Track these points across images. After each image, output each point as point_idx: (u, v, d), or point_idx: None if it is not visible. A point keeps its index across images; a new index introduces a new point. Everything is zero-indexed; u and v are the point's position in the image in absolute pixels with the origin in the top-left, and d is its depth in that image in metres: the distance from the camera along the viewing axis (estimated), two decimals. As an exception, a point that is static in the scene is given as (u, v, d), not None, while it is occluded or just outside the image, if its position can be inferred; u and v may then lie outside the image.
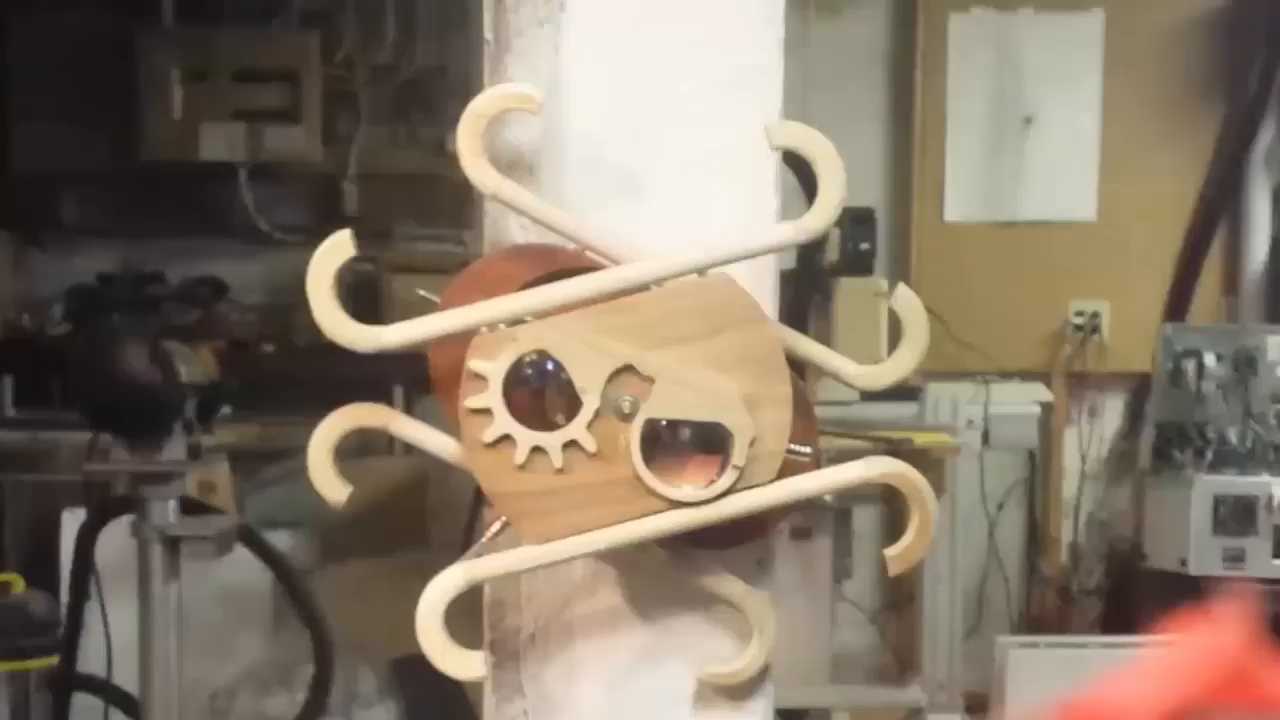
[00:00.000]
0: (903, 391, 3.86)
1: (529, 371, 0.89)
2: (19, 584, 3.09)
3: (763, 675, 0.97)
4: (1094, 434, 4.81)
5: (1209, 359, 4.15)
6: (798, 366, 0.92)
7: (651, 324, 0.89)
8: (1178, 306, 4.70)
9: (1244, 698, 0.65)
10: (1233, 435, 4.08)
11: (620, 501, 0.89)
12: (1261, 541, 3.84)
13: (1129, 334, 4.67)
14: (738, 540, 0.94)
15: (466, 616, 0.95)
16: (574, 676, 0.98)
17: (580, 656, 0.98)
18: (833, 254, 3.85)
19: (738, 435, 0.88)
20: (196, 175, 4.42)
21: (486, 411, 0.88)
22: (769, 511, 0.92)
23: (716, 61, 0.97)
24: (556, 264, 0.92)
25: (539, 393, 0.89)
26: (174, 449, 2.56)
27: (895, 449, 3.41)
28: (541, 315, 0.89)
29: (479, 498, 0.93)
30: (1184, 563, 3.89)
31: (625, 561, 0.96)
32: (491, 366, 0.88)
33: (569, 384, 0.89)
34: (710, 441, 0.90)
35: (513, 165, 0.96)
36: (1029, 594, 4.78)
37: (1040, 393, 4.45)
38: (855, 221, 3.90)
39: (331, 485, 0.92)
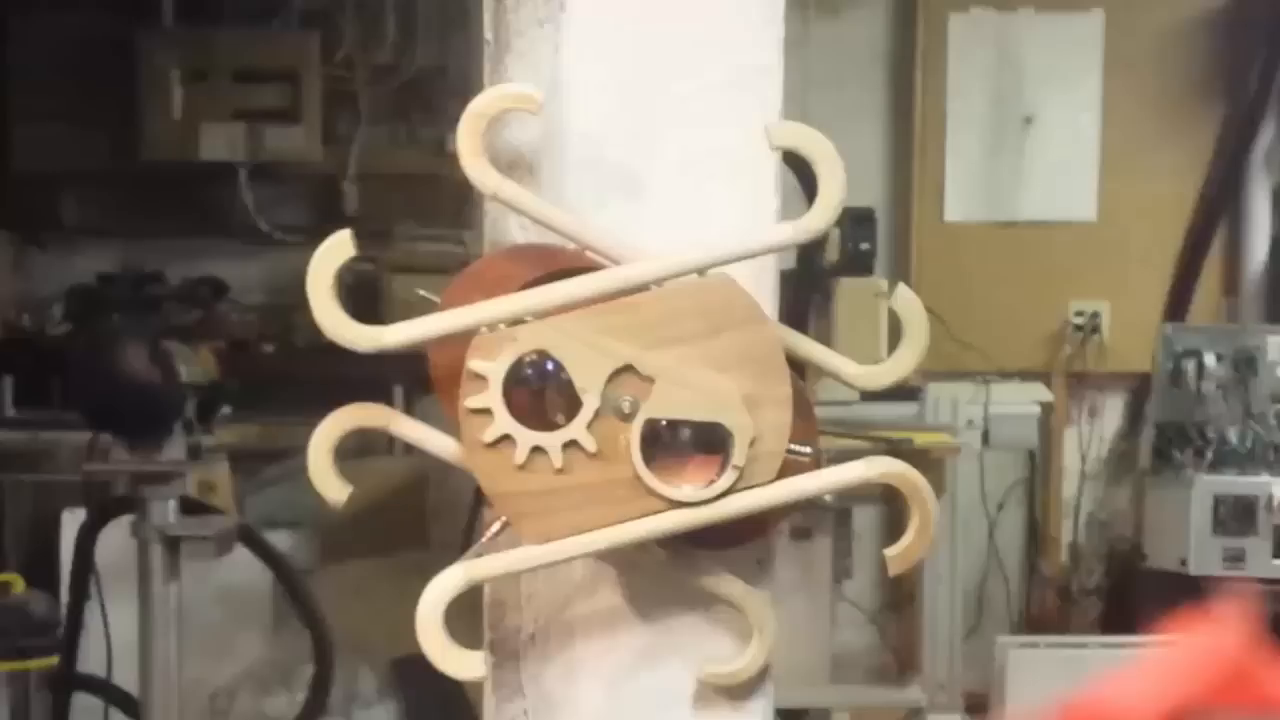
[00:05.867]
0: (903, 391, 3.86)
1: (529, 371, 0.89)
2: (19, 584, 3.09)
3: (763, 675, 0.97)
4: (1094, 434, 4.81)
5: (1209, 359, 4.15)
6: (798, 366, 0.92)
7: (651, 324, 0.89)
8: (1178, 306, 4.70)
9: (1244, 698, 0.65)
10: (1233, 435, 4.08)
11: (620, 501, 0.89)
12: (1261, 541, 3.84)
13: (1129, 334, 4.67)
14: (738, 540, 0.94)
15: (466, 616, 0.95)
16: (574, 676, 0.98)
17: (580, 656, 0.98)
18: (833, 254, 3.85)
19: (738, 435, 0.88)
20: (196, 175, 4.42)
21: (486, 411, 0.88)
22: (769, 511, 0.92)
23: (716, 61, 0.97)
24: (556, 264, 0.92)
25: (539, 393, 0.89)
26: (174, 449, 2.56)
27: (895, 449, 3.41)
28: (541, 315, 0.89)
29: (479, 498, 0.93)
30: (1184, 563, 3.89)
31: (625, 561, 0.96)
32: (491, 366, 0.88)
33: (569, 384, 0.89)
34: (710, 441, 0.90)
35: (513, 165, 0.96)
36: (1029, 594, 4.78)
37: (1040, 393, 4.45)
38: (855, 221, 3.90)
39: (331, 485, 0.92)
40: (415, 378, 2.86)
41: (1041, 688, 3.32)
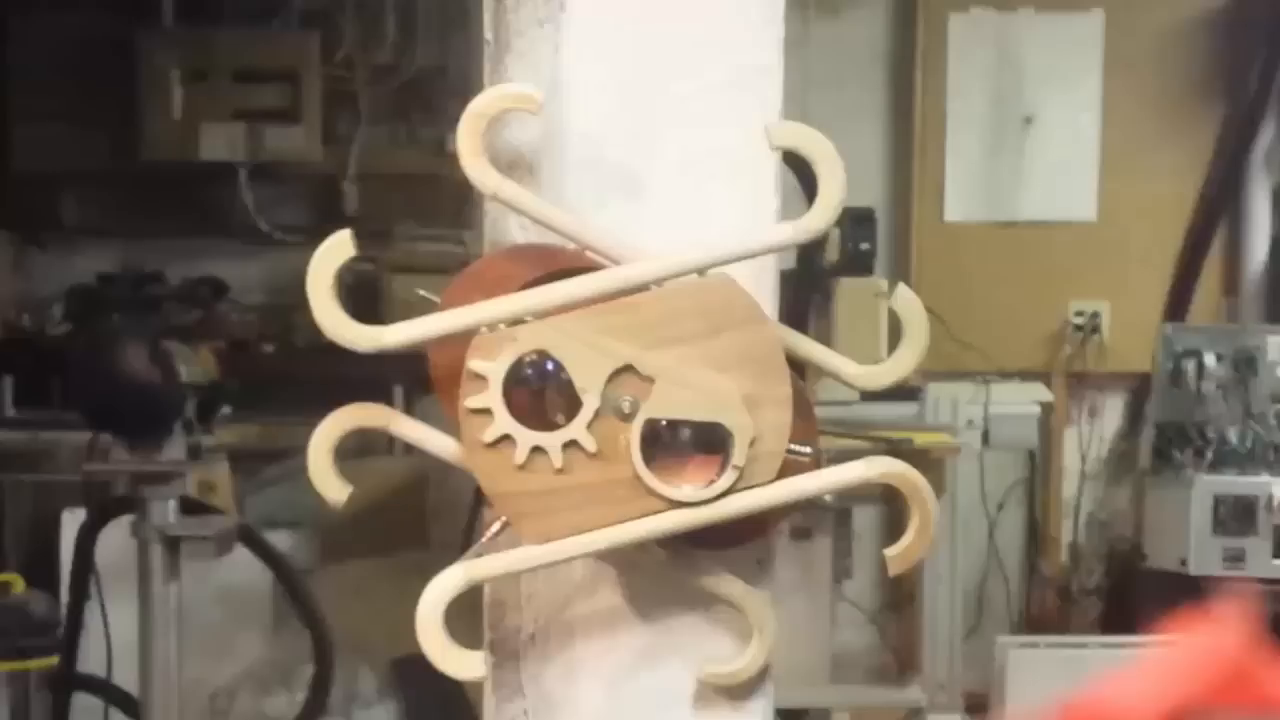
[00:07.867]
0: (903, 391, 3.86)
1: (529, 371, 0.89)
2: (19, 584, 3.09)
3: (763, 675, 0.97)
4: (1094, 434, 4.81)
5: (1209, 359, 4.15)
6: (798, 366, 0.92)
7: (651, 324, 0.89)
8: (1178, 306, 4.70)
9: (1244, 698, 0.65)
10: (1233, 435, 4.08)
11: (620, 501, 0.89)
12: (1261, 541, 3.84)
13: (1129, 334, 4.67)
14: (738, 540, 0.94)
15: (466, 616, 0.95)
16: (574, 676, 0.98)
17: (580, 656, 0.98)
18: (833, 254, 3.85)
19: (738, 435, 0.88)
20: (196, 175, 4.43)
21: (486, 411, 0.88)
22: (769, 511, 0.92)
23: (716, 61, 0.97)
24: (556, 264, 0.92)
25: (539, 393, 0.89)
26: (174, 449, 2.56)
27: (895, 449, 3.41)
28: (541, 315, 0.88)
29: (479, 498, 0.93)
30: (1184, 563, 3.89)
31: (625, 561, 0.96)
32: (491, 366, 0.88)
33: (569, 384, 0.89)
34: (710, 441, 0.90)
35: (513, 165, 0.96)
36: (1029, 594, 4.78)
37: (1040, 393, 4.45)
38: (855, 221, 3.90)
39: (331, 485, 0.92)
40: (415, 378, 2.86)
41: (1041, 688, 3.32)
